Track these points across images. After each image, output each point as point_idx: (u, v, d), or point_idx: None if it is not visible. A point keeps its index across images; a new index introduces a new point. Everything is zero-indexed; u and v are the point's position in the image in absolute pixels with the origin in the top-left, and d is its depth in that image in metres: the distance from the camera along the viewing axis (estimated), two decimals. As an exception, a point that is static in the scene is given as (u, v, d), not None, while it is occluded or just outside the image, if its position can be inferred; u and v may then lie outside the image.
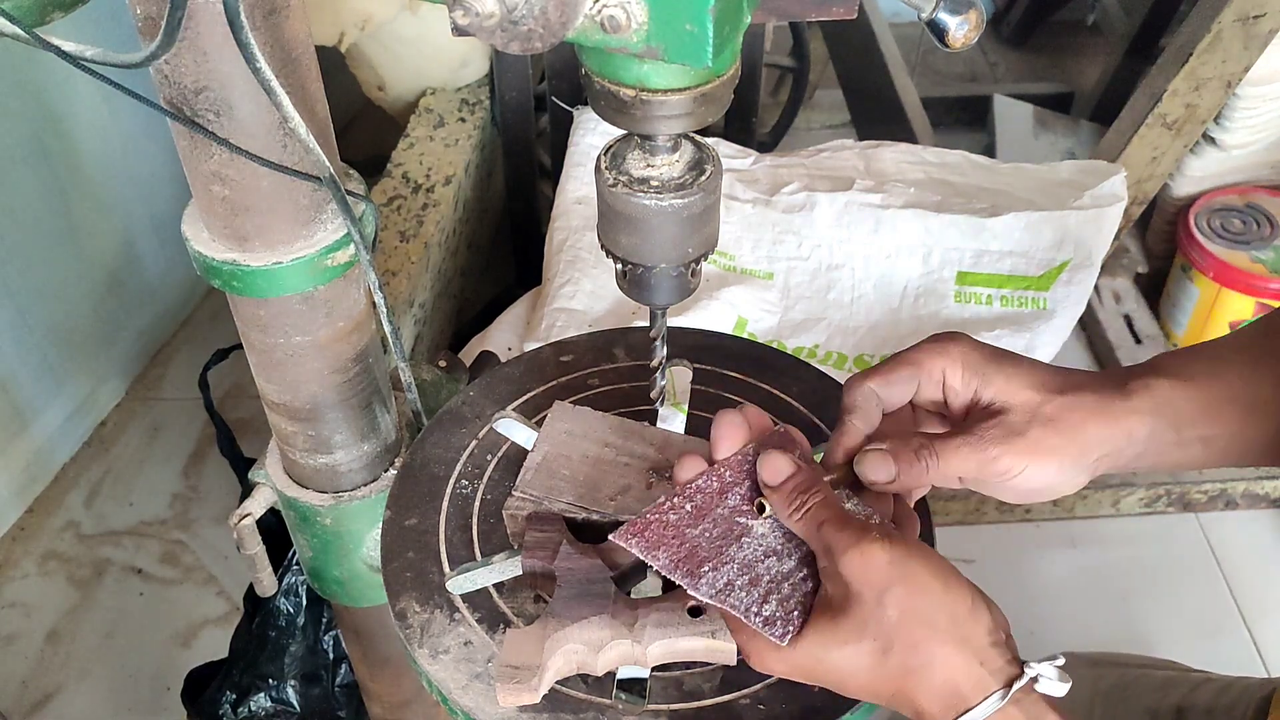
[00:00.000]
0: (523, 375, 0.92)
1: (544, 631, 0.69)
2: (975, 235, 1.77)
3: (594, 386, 0.91)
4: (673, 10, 0.48)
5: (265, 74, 0.59)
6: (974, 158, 1.93)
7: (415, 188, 1.81)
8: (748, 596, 0.64)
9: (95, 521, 1.96)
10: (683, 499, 0.66)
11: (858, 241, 1.77)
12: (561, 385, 0.91)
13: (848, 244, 1.77)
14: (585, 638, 0.67)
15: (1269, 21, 1.71)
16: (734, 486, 0.68)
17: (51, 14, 0.60)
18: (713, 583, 0.64)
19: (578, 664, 0.68)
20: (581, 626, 0.68)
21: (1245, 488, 1.89)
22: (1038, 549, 1.89)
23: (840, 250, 1.78)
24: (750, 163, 1.88)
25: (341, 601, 1.00)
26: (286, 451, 0.90)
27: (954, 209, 1.78)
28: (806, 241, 1.78)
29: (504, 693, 0.66)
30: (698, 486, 0.67)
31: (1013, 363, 0.67)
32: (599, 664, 0.68)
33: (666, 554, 0.64)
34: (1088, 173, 1.87)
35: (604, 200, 0.63)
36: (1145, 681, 1.05)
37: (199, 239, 0.74)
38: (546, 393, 0.90)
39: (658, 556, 0.64)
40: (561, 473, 0.78)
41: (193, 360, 2.24)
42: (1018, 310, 1.77)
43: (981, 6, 0.56)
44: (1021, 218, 1.77)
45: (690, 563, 0.64)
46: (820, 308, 1.78)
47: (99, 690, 1.71)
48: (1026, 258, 1.77)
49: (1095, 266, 1.78)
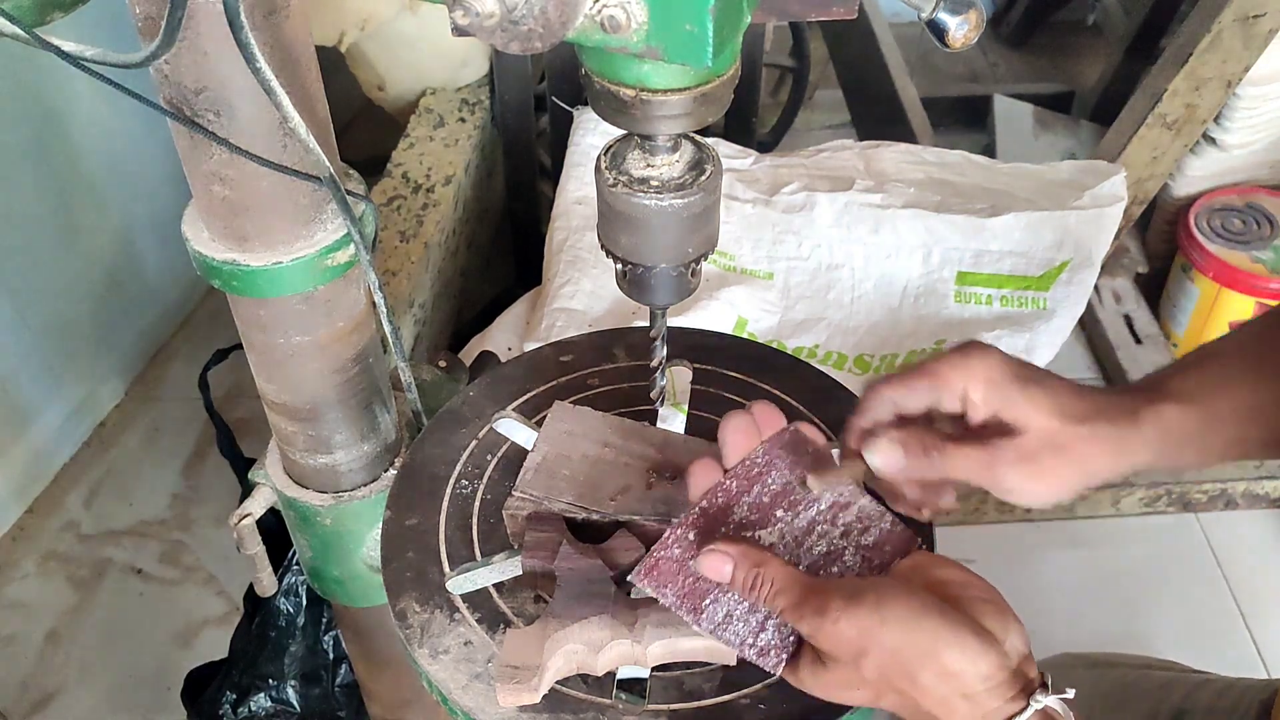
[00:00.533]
0: (523, 375, 0.92)
1: (544, 631, 0.69)
2: (975, 235, 1.77)
3: (594, 386, 0.91)
4: (673, 10, 0.48)
5: (265, 74, 0.59)
6: (974, 158, 1.93)
7: (415, 188, 1.81)
8: (745, 627, 0.65)
9: (95, 521, 1.96)
10: (685, 528, 0.66)
11: (857, 241, 1.77)
12: (561, 385, 0.91)
13: (847, 243, 1.77)
14: (585, 638, 0.68)
15: (1269, 21, 1.71)
16: (741, 497, 0.68)
17: (51, 14, 0.60)
18: (713, 616, 0.65)
19: (578, 664, 0.68)
20: (582, 626, 0.68)
21: (1245, 488, 1.89)
22: (1038, 549, 1.89)
23: (840, 250, 1.78)
24: (750, 163, 1.88)
25: (341, 601, 1.00)
26: (286, 451, 0.90)
27: (954, 209, 1.78)
28: (806, 241, 1.78)
29: (504, 693, 0.67)
30: (702, 509, 0.67)
31: (1036, 383, 0.66)
32: (599, 664, 0.68)
33: (673, 590, 0.65)
34: (1088, 173, 1.87)
35: (604, 200, 0.63)
36: (1145, 683, 1.05)
37: (199, 239, 0.74)
38: (546, 393, 0.90)
39: (666, 594, 0.65)
40: (562, 473, 0.78)
41: (193, 360, 2.24)
42: (1018, 310, 1.77)
43: (981, 6, 0.56)
44: (1021, 218, 1.77)
45: (693, 597, 0.65)
46: (820, 308, 1.78)
47: (99, 690, 1.71)
48: (1026, 258, 1.77)
49: (1095, 266, 1.78)
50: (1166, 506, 1.91)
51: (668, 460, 0.80)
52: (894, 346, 1.75)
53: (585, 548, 0.72)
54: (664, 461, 0.79)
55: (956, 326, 1.76)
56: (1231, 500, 1.91)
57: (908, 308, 1.78)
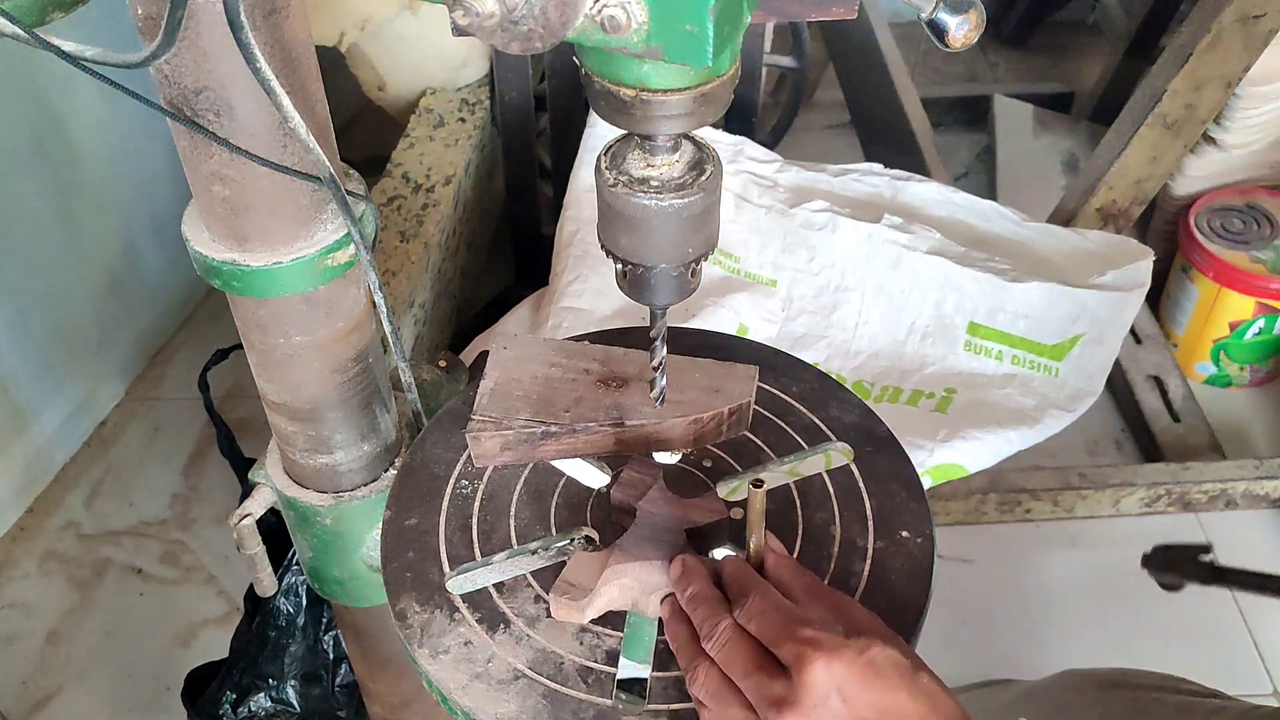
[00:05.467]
0: (523, 375, 0.92)
1: (607, 561, 0.72)
2: (993, 294, 1.74)
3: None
4: (673, 10, 0.48)
5: (265, 74, 0.59)
6: (1004, 210, 1.88)
7: (415, 188, 1.81)
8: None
9: (95, 521, 1.96)
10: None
11: (873, 272, 1.75)
12: (561, 385, 0.91)
13: (862, 271, 1.75)
14: (642, 577, 0.71)
15: (1269, 21, 1.71)
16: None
17: (51, 14, 0.60)
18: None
19: (631, 600, 0.72)
20: (642, 566, 0.72)
21: (1245, 488, 1.89)
22: (1038, 549, 1.89)
23: (853, 275, 1.75)
24: (775, 169, 1.86)
25: (341, 601, 1.00)
26: (286, 451, 0.90)
27: (976, 263, 1.74)
28: (820, 258, 1.75)
29: (556, 606, 0.72)
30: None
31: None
32: (649, 606, 0.71)
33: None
34: (1117, 249, 1.82)
35: (604, 200, 0.64)
36: (1159, 709, 1.02)
37: (199, 239, 0.74)
38: (546, 393, 0.90)
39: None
40: (515, 394, 0.82)
41: (193, 360, 2.24)
42: (1028, 372, 1.74)
43: (981, 6, 0.56)
44: (1043, 288, 1.73)
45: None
46: (822, 325, 1.76)
47: (99, 690, 1.71)
48: (1041, 323, 1.74)
49: (1108, 347, 1.75)
50: (1166, 506, 1.91)
51: (612, 371, 0.84)
52: (896, 380, 1.74)
53: (673, 499, 0.76)
54: (609, 373, 0.84)
55: (965, 377, 1.73)
56: (1231, 500, 1.91)
57: (914, 344, 1.76)
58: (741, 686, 0.61)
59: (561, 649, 0.70)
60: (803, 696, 0.59)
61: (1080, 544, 1.90)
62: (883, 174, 1.91)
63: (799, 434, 0.85)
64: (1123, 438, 2.10)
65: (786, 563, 0.69)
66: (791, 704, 0.59)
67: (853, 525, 0.77)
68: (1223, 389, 2.18)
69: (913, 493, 0.80)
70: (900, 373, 1.74)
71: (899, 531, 0.77)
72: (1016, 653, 1.75)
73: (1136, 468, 1.92)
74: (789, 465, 0.81)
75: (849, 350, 1.76)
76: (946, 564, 1.85)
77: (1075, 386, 1.73)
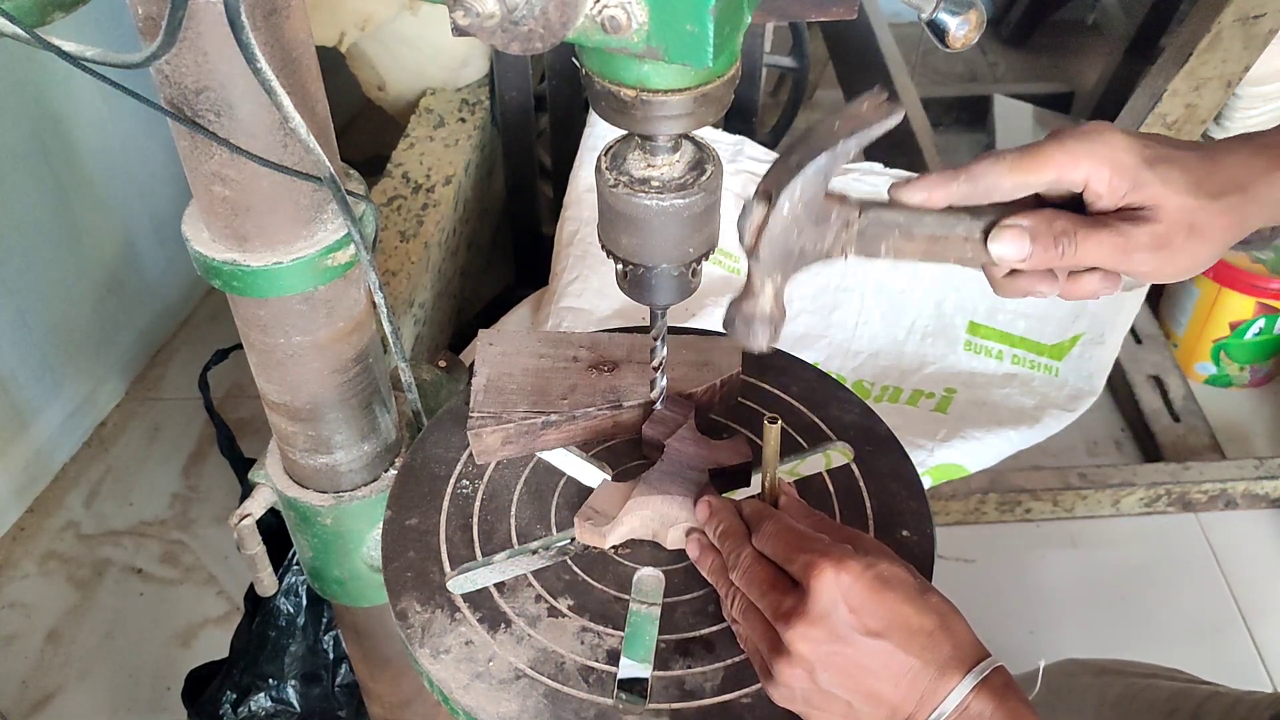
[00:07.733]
0: (523, 375, 0.92)
1: (631, 492, 0.75)
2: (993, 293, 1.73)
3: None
4: (673, 10, 0.48)
5: (265, 74, 0.59)
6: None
7: (415, 188, 1.81)
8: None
9: (95, 521, 1.96)
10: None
11: (873, 271, 1.74)
12: (562, 385, 0.91)
13: (861, 270, 1.75)
14: (663, 510, 0.75)
15: (1269, 21, 1.71)
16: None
17: (52, 14, 0.60)
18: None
19: (652, 531, 0.76)
20: (664, 500, 0.75)
21: (1245, 488, 1.89)
22: (1038, 549, 1.89)
23: (852, 274, 1.75)
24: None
25: (342, 601, 1.00)
26: (286, 451, 0.90)
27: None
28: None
29: (581, 529, 0.76)
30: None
31: (1167, 162, 0.63)
32: (669, 538, 0.75)
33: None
34: None
35: (605, 200, 0.64)
36: (1152, 693, 1.03)
37: (199, 239, 0.74)
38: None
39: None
40: (509, 388, 0.83)
41: (193, 360, 2.24)
42: (1028, 372, 1.74)
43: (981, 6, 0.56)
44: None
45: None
46: (822, 325, 1.76)
47: (99, 690, 1.71)
48: (1041, 322, 1.74)
49: (1107, 346, 1.74)
50: (1166, 506, 1.91)
51: (602, 356, 0.85)
52: (896, 379, 1.74)
53: (702, 439, 0.79)
54: (599, 358, 0.85)
55: (964, 377, 1.73)
56: (1231, 500, 1.91)
57: (914, 344, 1.76)
58: (759, 605, 0.65)
59: (562, 648, 0.70)
60: (811, 606, 0.61)
61: (1080, 544, 1.90)
62: (883, 174, 1.91)
63: (799, 434, 0.85)
64: (1123, 438, 2.10)
65: (797, 502, 0.74)
66: (800, 614, 0.62)
67: (853, 525, 0.77)
68: (1223, 389, 2.18)
69: (913, 492, 0.80)
70: (900, 372, 1.74)
71: (899, 531, 0.77)
72: (1016, 652, 1.75)
73: (1136, 468, 1.92)
74: (789, 465, 0.81)
75: (849, 350, 1.76)
76: (946, 564, 1.85)
77: (1075, 386, 1.73)
